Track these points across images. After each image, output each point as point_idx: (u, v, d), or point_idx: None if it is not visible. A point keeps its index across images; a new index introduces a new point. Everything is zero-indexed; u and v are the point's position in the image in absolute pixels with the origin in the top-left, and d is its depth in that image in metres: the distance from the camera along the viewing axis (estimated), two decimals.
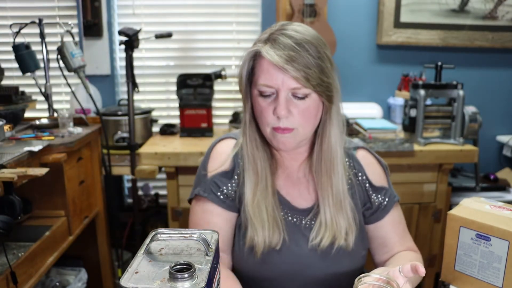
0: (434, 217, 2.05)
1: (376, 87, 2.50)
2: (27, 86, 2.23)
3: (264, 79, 0.91)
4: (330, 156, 0.98)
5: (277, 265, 0.98)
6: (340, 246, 0.98)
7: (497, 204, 0.77)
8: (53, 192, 1.53)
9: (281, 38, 0.89)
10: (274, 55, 0.87)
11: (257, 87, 0.93)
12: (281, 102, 0.90)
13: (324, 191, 0.99)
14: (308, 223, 1.01)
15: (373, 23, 2.43)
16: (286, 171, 1.05)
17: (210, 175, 1.03)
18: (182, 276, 0.54)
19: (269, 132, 0.95)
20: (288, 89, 0.89)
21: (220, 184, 1.02)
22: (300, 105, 0.91)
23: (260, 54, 0.91)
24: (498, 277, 0.70)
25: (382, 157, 1.14)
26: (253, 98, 0.96)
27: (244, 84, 0.96)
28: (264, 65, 0.90)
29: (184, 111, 2.12)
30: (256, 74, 0.93)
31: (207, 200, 1.02)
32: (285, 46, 0.88)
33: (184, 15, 2.40)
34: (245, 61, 0.95)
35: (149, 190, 2.49)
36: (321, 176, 0.99)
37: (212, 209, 1.01)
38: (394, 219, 1.07)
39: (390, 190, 1.08)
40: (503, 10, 2.41)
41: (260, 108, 0.93)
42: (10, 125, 1.55)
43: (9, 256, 1.19)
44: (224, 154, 1.05)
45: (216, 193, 1.01)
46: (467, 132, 1.98)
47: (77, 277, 1.81)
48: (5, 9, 2.33)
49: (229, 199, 1.02)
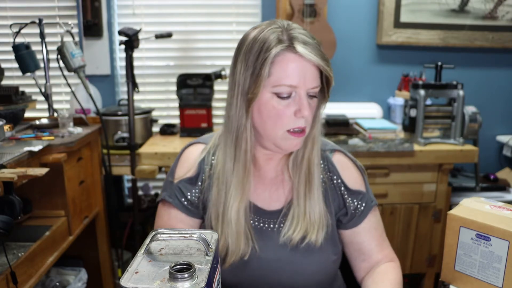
0: (434, 217, 2.05)
1: (376, 87, 2.50)
2: (27, 86, 2.23)
3: (289, 79, 0.86)
4: (311, 153, 0.98)
5: (245, 273, 0.97)
6: (310, 241, 0.96)
7: (497, 204, 0.77)
8: (53, 192, 1.53)
9: (302, 36, 0.87)
10: (307, 52, 0.85)
11: (272, 89, 0.87)
12: (304, 102, 0.87)
13: (301, 184, 0.98)
14: (278, 224, 0.99)
15: (373, 23, 2.43)
16: (259, 170, 1.02)
17: (176, 181, 1.02)
18: (182, 276, 0.54)
19: (281, 135, 0.90)
20: (307, 89, 0.88)
21: (184, 190, 1.01)
22: (311, 104, 0.91)
23: (282, 53, 0.85)
24: (498, 277, 0.70)
25: (382, 157, 1.14)
26: (262, 101, 0.88)
27: (261, 85, 0.87)
28: (291, 64, 0.85)
29: (184, 111, 2.12)
30: (273, 72, 0.86)
31: (172, 206, 1.01)
32: (310, 44, 0.87)
33: (184, 15, 2.40)
34: (267, 59, 0.85)
35: (149, 190, 2.49)
36: (301, 171, 0.98)
37: (176, 215, 1.01)
38: (371, 225, 1.03)
39: (367, 195, 1.04)
40: (503, 10, 2.41)
41: (276, 110, 0.87)
42: (10, 125, 1.55)
43: (9, 256, 1.19)
44: (191, 160, 1.03)
45: (181, 199, 1.01)
46: (467, 132, 1.98)
47: (77, 277, 1.81)
48: (5, 9, 2.33)
49: (193, 206, 1.01)
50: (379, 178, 1.95)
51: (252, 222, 0.99)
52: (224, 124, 0.97)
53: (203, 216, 1.02)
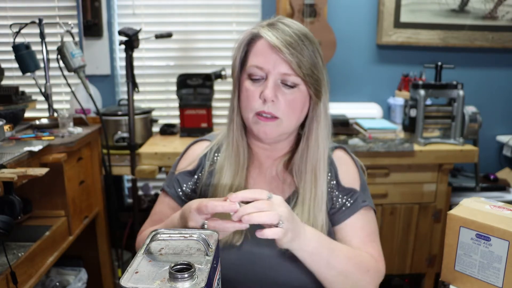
0: (434, 217, 2.05)
1: (376, 87, 2.50)
2: (27, 86, 2.23)
3: (256, 60, 0.91)
4: (317, 155, 0.97)
5: (235, 264, 0.93)
6: None
7: (497, 204, 0.77)
8: (53, 192, 1.53)
9: (280, 25, 0.92)
10: (272, 36, 0.89)
11: (247, 70, 0.93)
12: (269, 85, 0.90)
13: (306, 190, 0.96)
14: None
15: (373, 23, 2.43)
16: (259, 167, 1.03)
17: (176, 172, 1.07)
18: (182, 276, 0.54)
19: (251, 118, 0.94)
20: (279, 74, 0.90)
21: (181, 181, 1.05)
22: (288, 94, 0.92)
23: (256, 38, 0.93)
24: (498, 277, 0.70)
25: (382, 157, 1.13)
26: (241, 83, 0.96)
27: (237, 67, 0.96)
28: (259, 47, 0.92)
29: (184, 111, 2.12)
30: (249, 56, 0.94)
31: (168, 194, 1.05)
32: (283, 31, 0.90)
33: (184, 15, 2.40)
34: (240, 44, 0.95)
35: (149, 190, 2.49)
36: (305, 174, 0.97)
37: (169, 203, 1.05)
38: (356, 224, 0.99)
39: (360, 194, 1.01)
40: (503, 10, 2.41)
41: (247, 92, 0.93)
42: (10, 125, 1.55)
43: (9, 256, 1.19)
44: (194, 155, 1.08)
45: (177, 189, 1.04)
46: (467, 132, 1.98)
47: (77, 277, 1.81)
48: (5, 9, 2.33)
49: (187, 197, 1.04)
50: (379, 178, 1.95)
51: None
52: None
53: None
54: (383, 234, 2.04)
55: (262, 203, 0.75)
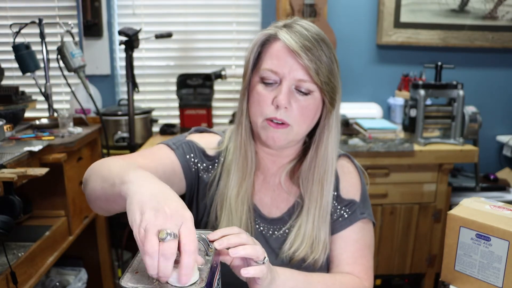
0: (434, 217, 2.05)
1: (376, 87, 2.50)
2: (27, 86, 2.23)
3: (271, 63, 0.86)
4: (325, 165, 0.93)
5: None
6: (311, 261, 0.91)
7: (497, 204, 0.77)
8: (53, 192, 1.53)
9: (298, 27, 0.86)
10: (291, 39, 0.84)
11: (260, 73, 0.87)
12: (283, 91, 0.85)
13: (312, 200, 0.93)
14: (280, 234, 0.95)
15: (373, 23, 2.43)
16: (264, 173, 0.99)
17: (188, 139, 0.98)
18: None
19: (260, 123, 0.88)
20: (294, 80, 0.85)
21: (193, 150, 0.96)
22: (302, 101, 0.86)
23: (272, 39, 0.87)
24: (498, 277, 0.70)
25: (382, 157, 1.11)
26: (252, 86, 0.90)
27: (249, 69, 0.90)
28: (275, 49, 0.86)
29: (184, 111, 2.12)
30: (263, 59, 0.88)
31: (172, 151, 0.94)
32: (302, 35, 0.85)
33: (184, 15, 2.40)
34: (254, 44, 0.89)
35: None
36: (312, 184, 0.93)
37: (170, 155, 0.93)
38: (350, 237, 0.95)
39: (359, 206, 0.98)
40: (503, 10, 2.41)
41: (258, 95, 0.87)
42: (10, 125, 1.55)
43: (9, 256, 1.19)
44: (212, 141, 1.00)
45: (184, 154, 0.94)
46: (467, 132, 1.98)
47: (77, 277, 1.81)
48: (5, 9, 2.33)
49: (189, 168, 0.95)
50: (379, 178, 1.95)
51: (251, 222, 0.95)
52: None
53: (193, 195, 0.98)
54: (383, 234, 2.04)
55: (246, 236, 0.70)
